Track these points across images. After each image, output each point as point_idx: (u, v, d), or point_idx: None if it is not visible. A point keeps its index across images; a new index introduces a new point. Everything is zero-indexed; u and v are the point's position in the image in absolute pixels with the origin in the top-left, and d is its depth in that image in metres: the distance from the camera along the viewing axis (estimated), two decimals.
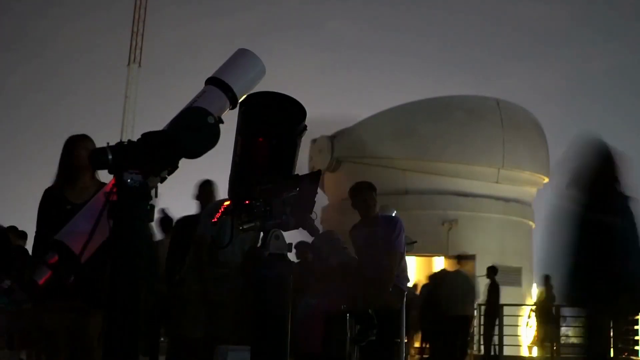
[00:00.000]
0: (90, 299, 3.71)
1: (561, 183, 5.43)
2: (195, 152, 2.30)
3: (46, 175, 4.89)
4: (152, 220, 2.29)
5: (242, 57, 2.68)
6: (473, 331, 13.91)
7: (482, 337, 14.42)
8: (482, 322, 14.05)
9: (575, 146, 5.43)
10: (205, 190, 6.12)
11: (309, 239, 2.44)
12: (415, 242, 7.67)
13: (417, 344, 14.21)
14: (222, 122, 2.37)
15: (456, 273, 11.39)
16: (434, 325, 11.54)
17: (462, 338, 11.63)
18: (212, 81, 2.62)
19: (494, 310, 13.69)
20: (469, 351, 13.54)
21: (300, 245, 9.38)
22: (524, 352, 16.55)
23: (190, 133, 2.27)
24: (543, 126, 18.74)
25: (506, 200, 17.73)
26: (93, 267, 2.43)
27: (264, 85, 2.71)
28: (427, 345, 13.25)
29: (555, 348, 15.03)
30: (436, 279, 11.81)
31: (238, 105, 2.56)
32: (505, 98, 19.85)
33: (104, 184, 2.85)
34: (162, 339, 8.75)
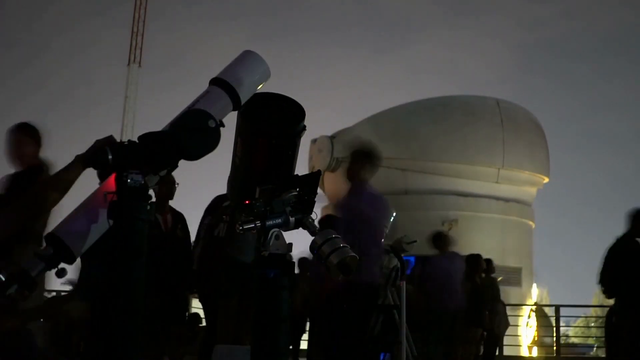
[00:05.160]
0: None
1: None
2: (194, 154, 2.30)
3: None
4: (152, 219, 2.29)
5: (247, 59, 2.67)
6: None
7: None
8: None
9: None
10: None
11: (309, 238, 2.44)
12: (415, 241, 7.64)
13: None
14: (223, 126, 2.36)
15: None
16: None
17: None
18: (216, 82, 2.63)
19: None
20: None
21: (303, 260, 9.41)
22: (524, 352, 16.56)
23: (189, 134, 2.27)
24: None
25: (506, 200, 17.74)
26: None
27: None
28: None
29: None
30: None
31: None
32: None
33: None
34: None
